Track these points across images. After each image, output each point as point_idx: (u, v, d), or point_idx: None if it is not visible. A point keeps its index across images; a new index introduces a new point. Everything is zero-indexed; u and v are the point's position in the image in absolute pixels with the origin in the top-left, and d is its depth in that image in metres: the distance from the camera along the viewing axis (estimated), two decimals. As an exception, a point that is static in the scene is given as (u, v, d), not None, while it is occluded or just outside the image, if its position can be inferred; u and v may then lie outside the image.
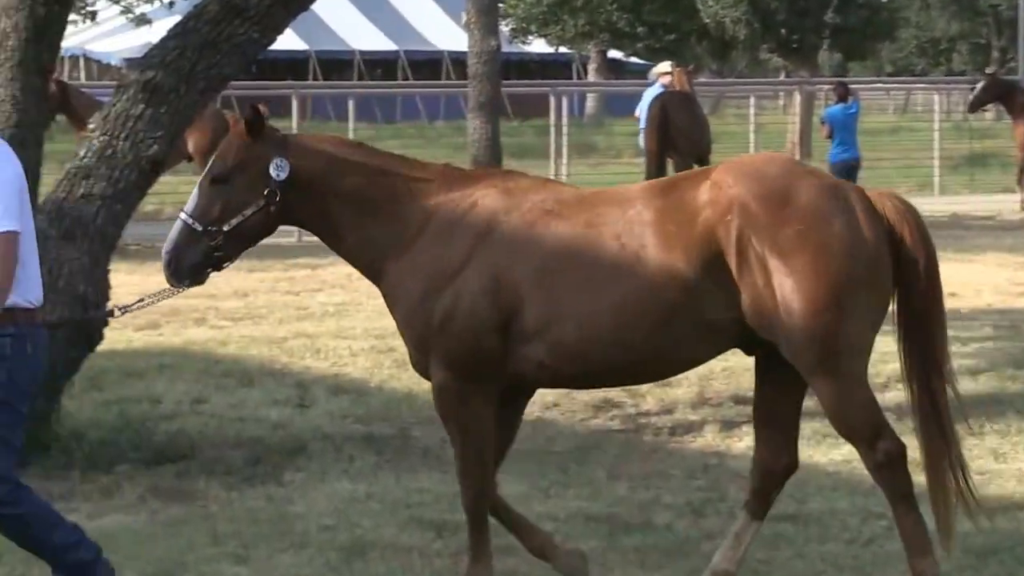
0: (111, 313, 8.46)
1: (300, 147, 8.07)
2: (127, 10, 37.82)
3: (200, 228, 7.86)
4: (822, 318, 7.52)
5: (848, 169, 24.10)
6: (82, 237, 10.85)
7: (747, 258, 7.57)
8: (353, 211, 8.03)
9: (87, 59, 54.32)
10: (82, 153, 11.06)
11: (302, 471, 10.92)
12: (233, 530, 9.49)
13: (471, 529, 8.13)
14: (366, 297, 18.70)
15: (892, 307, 7.86)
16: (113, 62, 50.47)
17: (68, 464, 10.80)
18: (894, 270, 7.74)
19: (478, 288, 7.81)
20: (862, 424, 7.70)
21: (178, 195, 28.05)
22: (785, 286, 7.51)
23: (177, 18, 12.20)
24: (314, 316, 17.60)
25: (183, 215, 7.89)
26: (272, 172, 7.87)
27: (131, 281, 16.70)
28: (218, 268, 8.06)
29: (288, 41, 37.18)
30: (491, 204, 7.97)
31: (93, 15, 29.66)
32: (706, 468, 10.88)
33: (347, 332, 16.17)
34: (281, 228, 8.28)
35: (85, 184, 10.92)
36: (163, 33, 11.47)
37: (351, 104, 31.45)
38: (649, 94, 25.16)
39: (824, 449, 11.05)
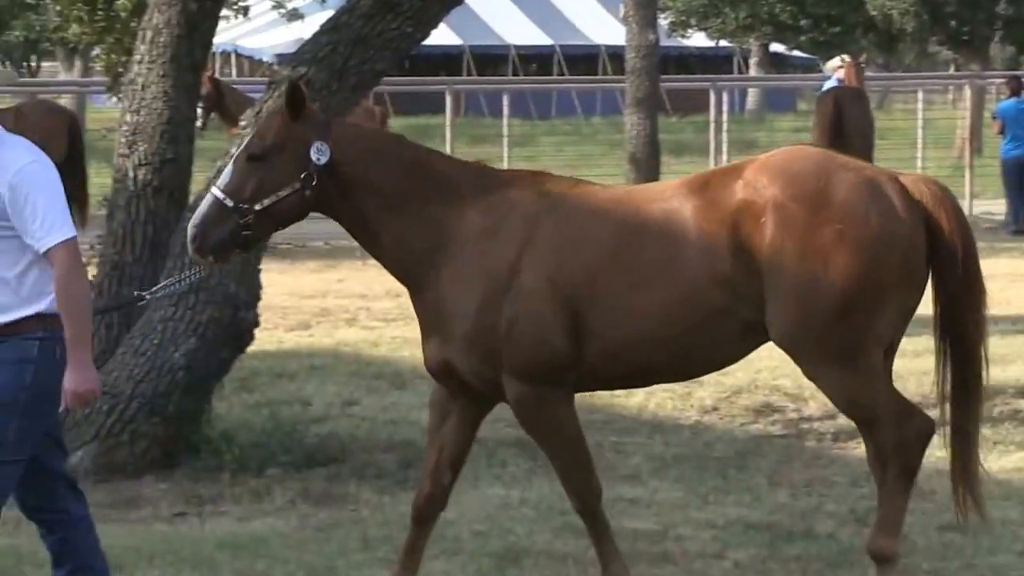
0: (140, 299, 8.27)
1: (342, 134, 7.88)
2: (279, 5, 38.03)
3: (231, 204, 7.65)
4: (856, 317, 7.72)
5: (1021, 166, 23.84)
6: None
7: (781, 260, 7.68)
8: (388, 208, 7.85)
9: (238, 55, 54.79)
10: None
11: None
12: (384, 535, 9.52)
13: (592, 533, 8.20)
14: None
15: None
16: (265, 58, 50.81)
17: (218, 467, 10.89)
18: (931, 257, 7.87)
19: (536, 293, 7.79)
20: (884, 410, 7.89)
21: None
22: (821, 286, 7.66)
23: (329, 13, 12.27)
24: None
25: (215, 190, 7.72)
26: (313, 155, 7.68)
27: (281, 280, 16.80)
28: (245, 248, 7.89)
29: (441, 36, 37.18)
30: (531, 208, 7.92)
31: (245, 10, 29.81)
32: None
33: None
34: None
35: (236, 182, 11.00)
36: (315, 29, 11.52)
37: (506, 100, 31.36)
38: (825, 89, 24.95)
39: (995, 457, 10.91)
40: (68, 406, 6.98)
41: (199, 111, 13.61)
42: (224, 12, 12.59)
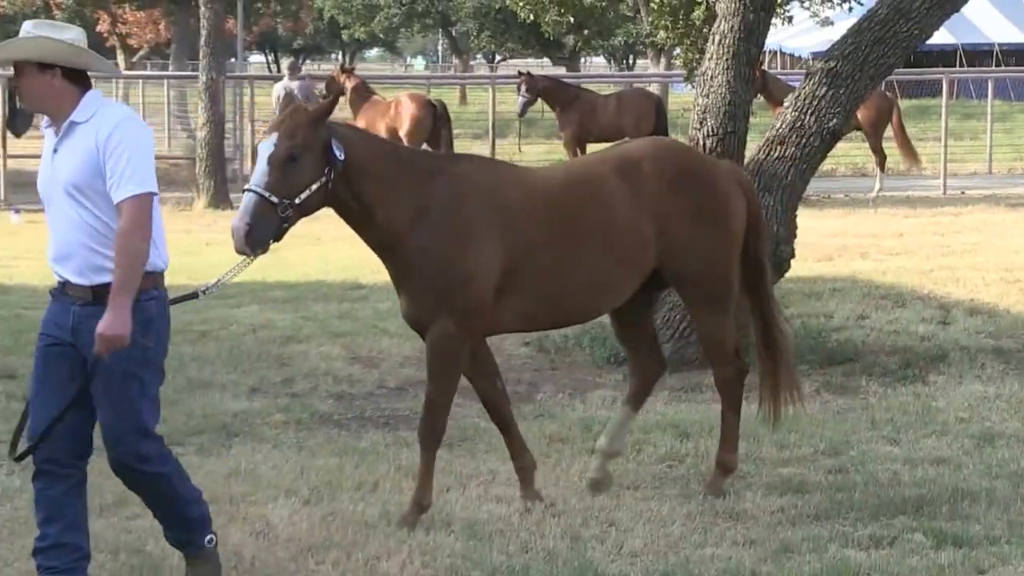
0: (195, 295, 6.87)
1: (343, 134, 7.03)
2: (815, 14, 38.05)
3: (276, 200, 6.64)
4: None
5: None
6: (776, 189, 10.90)
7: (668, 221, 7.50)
8: (382, 189, 7.00)
9: (781, 53, 54.34)
10: (778, 125, 11.12)
11: (943, 374, 10.64)
12: (887, 418, 9.34)
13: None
14: (998, 238, 18.11)
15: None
16: (802, 55, 50.37)
17: (761, 362, 10.85)
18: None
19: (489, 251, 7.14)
20: (730, 346, 7.81)
21: (849, 157, 27.94)
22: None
23: (853, 20, 12.03)
24: (954, 252, 17.10)
25: (257, 188, 6.65)
26: (335, 151, 6.82)
27: (811, 224, 16.55)
28: (279, 239, 6.77)
29: (939, 36, 36.29)
30: (486, 180, 7.30)
31: (790, 19, 29.82)
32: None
33: (981, 265, 15.63)
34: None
35: (779, 149, 10.96)
36: (842, 32, 11.41)
37: (990, 85, 30.47)
38: None
39: None
40: (97, 351, 5.71)
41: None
42: (773, 20, 12.44)
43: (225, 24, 28.96)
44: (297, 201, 6.70)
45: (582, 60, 59.25)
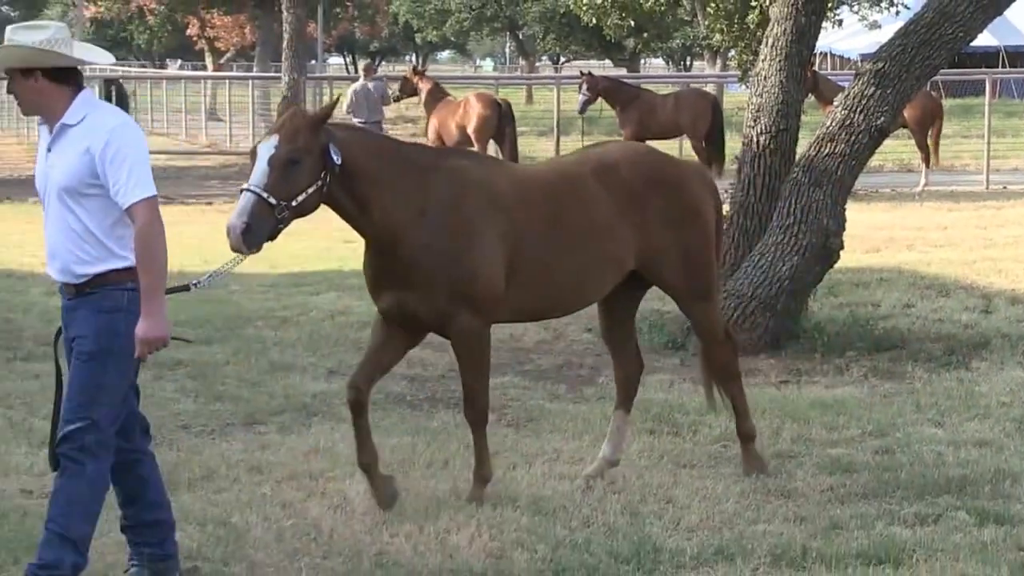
0: (187, 288, 6.57)
1: (339, 136, 6.70)
2: (864, 18, 37.77)
3: (274, 202, 6.33)
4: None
5: None
6: (826, 184, 10.83)
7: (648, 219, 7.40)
8: (377, 188, 6.71)
9: (831, 55, 53.91)
10: (828, 123, 11.03)
11: (985, 361, 10.51)
12: (932, 402, 9.24)
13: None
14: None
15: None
16: (851, 57, 49.96)
17: (811, 349, 10.79)
18: None
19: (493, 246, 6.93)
20: (720, 329, 7.83)
21: (896, 154, 27.69)
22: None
23: (901, 23, 11.92)
24: (996, 245, 16.91)
25: (256, 188, 6.35)
26: (332, 155, 6.53)
27: (860, 217, 16.40)
28: (274, 239, 6.47)
29: (982, 38, 35.88)
30: (479, 176, 7.06)
31: (840, 22, 29.66)
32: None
33: (1022, 257, 15.44)
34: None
35: (829, 146, 10.88)
36: (890, 35, 11.31)
37: (1030, 85, 30.15)
38: None
39: None
40: (139, 354, 5.66)
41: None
42: (824, 23, 12.35)
43: (306, 28, 29.10)
44: (294, 203, 6.42)
45: (642, 61, 59.05)
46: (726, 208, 11.59)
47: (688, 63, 60.34)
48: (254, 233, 6.30)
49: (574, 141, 29.00)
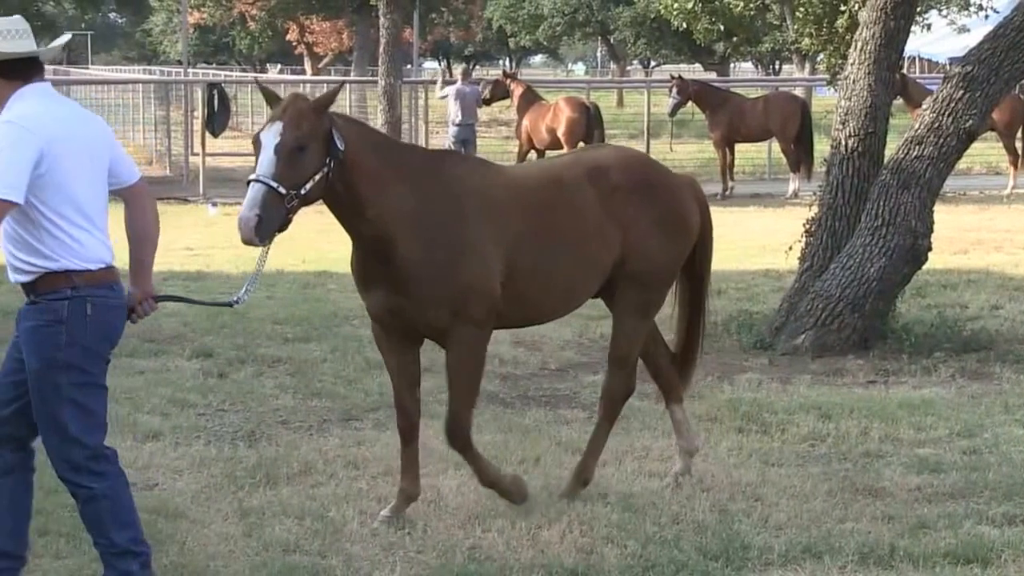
0: (230, 305, 6.37)
1: (340, 124, 6.34)
2: (952, 22, 37.33)
3: (284, 191, 5.99)
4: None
5: None
6: (915, 186, 10.74)
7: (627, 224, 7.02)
8: (374, 186, 6.34)
9: (919, 58, 53.31)
10: (916, 126, 10.94)
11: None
12: (1020, 403, 9.14)
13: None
14: None
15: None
16: (940, 60, 49.39)
17: (899, 349, 10.67)
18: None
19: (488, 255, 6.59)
20: (635, 359, 7.36)
21: (984, 157, 27.28)
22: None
23: (989, 27, 11.76)
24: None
25: (265, 178, 6.00)
26: (337, 142, 6.18)
27: (948, 219, 16.17)
28: (284, 230, 6.13)
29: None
30: (475, 184, 6.69)
31: (928, 26, 29.33)
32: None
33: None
34: None
35: (918, 149, 10.79)
36: (978, 38, 11.18)
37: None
38: None
39: None
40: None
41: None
42: (912, 27, 12.23)
43: (402, 33, 29.22)
44: (303, 192, 6.06)
45: (731, 65, 58.73)
46: (815, 210, 11.58)
47: (777, 67, 59.93)
48: (266, 224, 5.97)
49: (663, 144, 28.92)
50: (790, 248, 12.01)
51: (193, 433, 8.34)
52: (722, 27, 32.64)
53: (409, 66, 45.85)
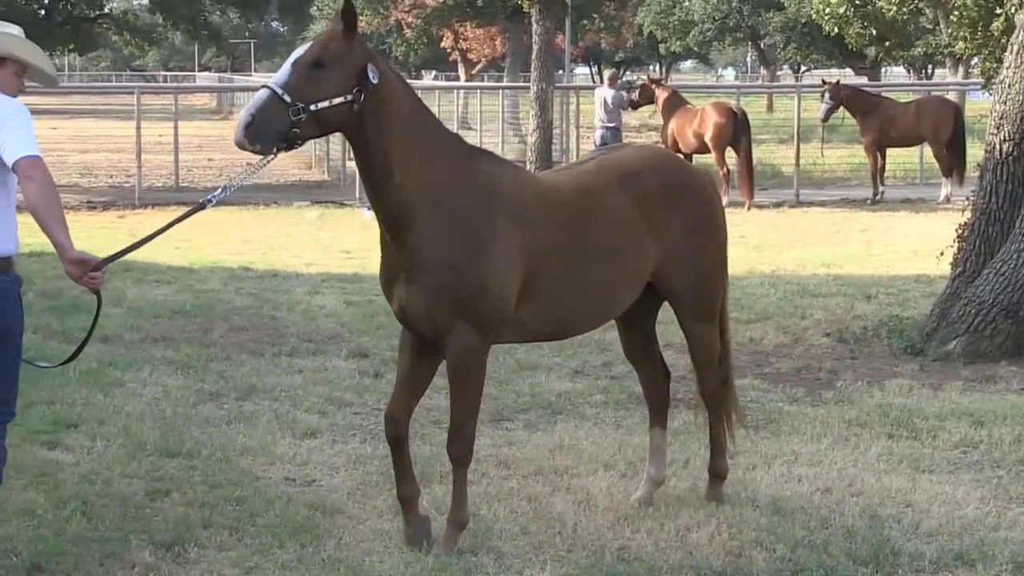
0: (203, 206, 6.09)
1: (386, 68, 6.04)
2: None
3: (288, 100, 5.75)
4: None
5: None
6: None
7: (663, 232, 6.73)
8: (404, 148, 6.03)
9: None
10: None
11: None
12: None
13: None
14: None
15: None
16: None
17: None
18: None
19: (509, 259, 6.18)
20: (716, 354, 7.14)
21: None
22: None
23: None
24: None
25: (273, 85, 5.81)
26: (369, 74, 5.87)
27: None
28: (288, 146, 5.85)
29: None
30: (507, 185, 6.29)
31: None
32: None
33: None
34: None
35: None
36: None
37: None
38: None
39: None
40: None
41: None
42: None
43: (554, 40, 29.27)
44: (313, 108, 5.79)
45: (882, 70, 57.80)
46: (968, 214, 11.34)
47: (929, 71, 58.85)
48: (258, 128, 5.72)
49: (814, 148, 28.57)
50: (941, 253, 11.77)
51: (349, 431, 8.45)
52: (874, 31, 32.15)
53: (561, 72, 45.94)
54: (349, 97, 5.87)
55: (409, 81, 7.36)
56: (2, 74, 5.64)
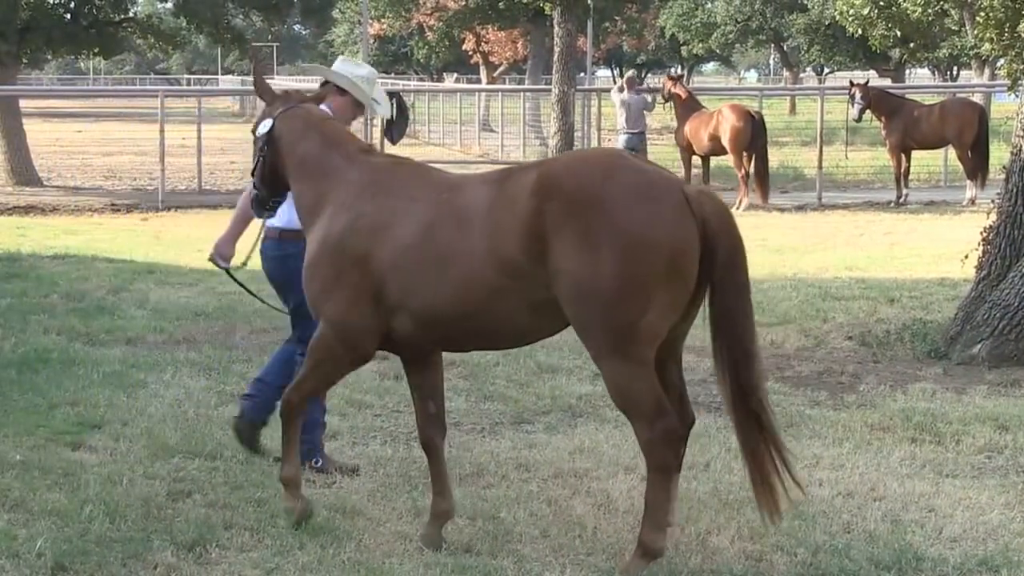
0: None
1: (285, 113, 6.54)
2: None
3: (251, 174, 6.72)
4: (624, 310, 5.63)
5: None
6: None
7: (563, 247, 5.66)
8: (298, 175, 6.49)
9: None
10: None
11: None
12: None
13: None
14: None
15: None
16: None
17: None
18: (706, 268, 5.74)
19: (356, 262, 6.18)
20: (645, 403, 5.77)
21: None
22: (594, 278, 5.63)
23: None
24: None
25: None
26: (260, 128, 6.57)
27: None
28: (271, 209, 6.83)
29: None
30: (362, 180, 6.32)
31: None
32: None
33: None
34: None
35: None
36: None
37: None
38: None
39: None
40: None
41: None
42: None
43: (576, 42, 29.26)
44: (252, 177, 6.72)
45: (906, 71, 57.64)
46: (993, 217, 11.28)
47: (954, 73, 58.65)
48: (255, 201, 6.79)
49: (837, 150, 28.53)
50: (966, 257, 11.73)
51: (370, 433, 8.46)
52: (899, 33, 32.04)
53: (582, 74, 45.92)
54: (259, 156, 6.67)
55: (431, 84, 7.46)
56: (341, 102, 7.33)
